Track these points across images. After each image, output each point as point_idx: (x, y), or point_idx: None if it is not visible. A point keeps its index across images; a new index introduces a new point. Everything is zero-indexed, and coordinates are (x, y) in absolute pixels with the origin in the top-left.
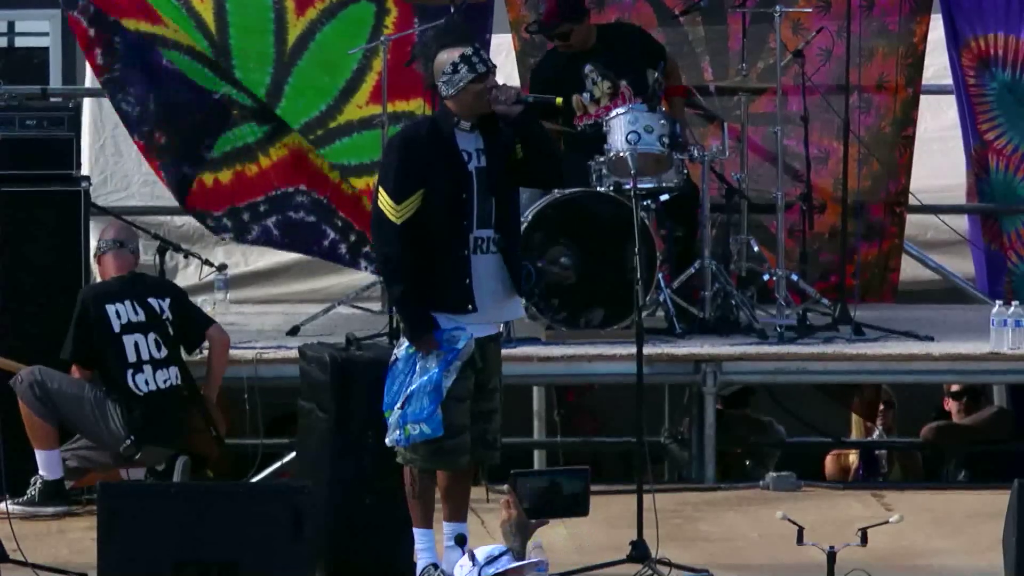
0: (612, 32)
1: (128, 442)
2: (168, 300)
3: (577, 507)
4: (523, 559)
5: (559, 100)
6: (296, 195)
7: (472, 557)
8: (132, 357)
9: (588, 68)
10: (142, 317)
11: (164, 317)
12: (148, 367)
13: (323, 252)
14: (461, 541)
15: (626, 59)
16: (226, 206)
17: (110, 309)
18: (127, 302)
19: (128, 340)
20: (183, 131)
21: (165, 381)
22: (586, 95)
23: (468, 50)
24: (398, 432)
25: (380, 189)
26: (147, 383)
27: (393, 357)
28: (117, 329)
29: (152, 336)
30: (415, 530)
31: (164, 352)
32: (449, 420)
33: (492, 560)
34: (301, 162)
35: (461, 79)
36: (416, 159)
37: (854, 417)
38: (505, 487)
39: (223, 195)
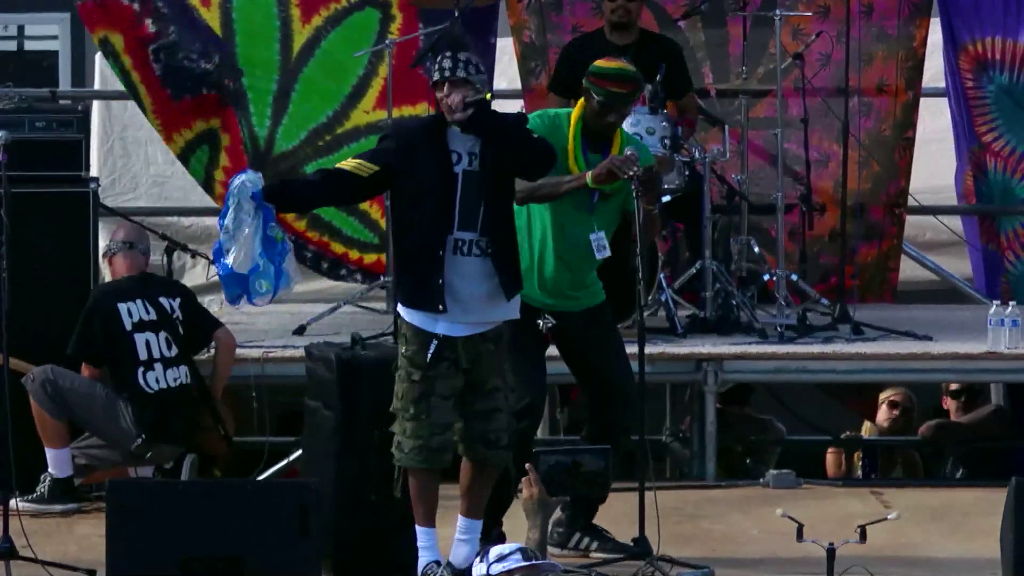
0: (654, 41)
1: (139, 440)
2: (179, 300)
3: (598, 485)
4: (544, 538)
5: (488, 95)
6: None
7: (485, 554)
8: (143, 355)
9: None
10: (153, 316)
11: (175, 316)
12: (159, 365)
13: (306, 262)
14: (500, 539)
15: (654, 72)
16: None
17: (122, 307)
18: (139, 301)
19: (139, 338)
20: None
21: (175, 380)
22: None
23: (440, 55)
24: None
25: None
26: (158, 381)
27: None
28: (129, 327)
29: (163, 335)
30: (416, 528)
31: (174, 351)
32: (434, 418)
33: (502, 558)
34: None
35: (431, 85)
36: (396, 144)
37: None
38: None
39: None
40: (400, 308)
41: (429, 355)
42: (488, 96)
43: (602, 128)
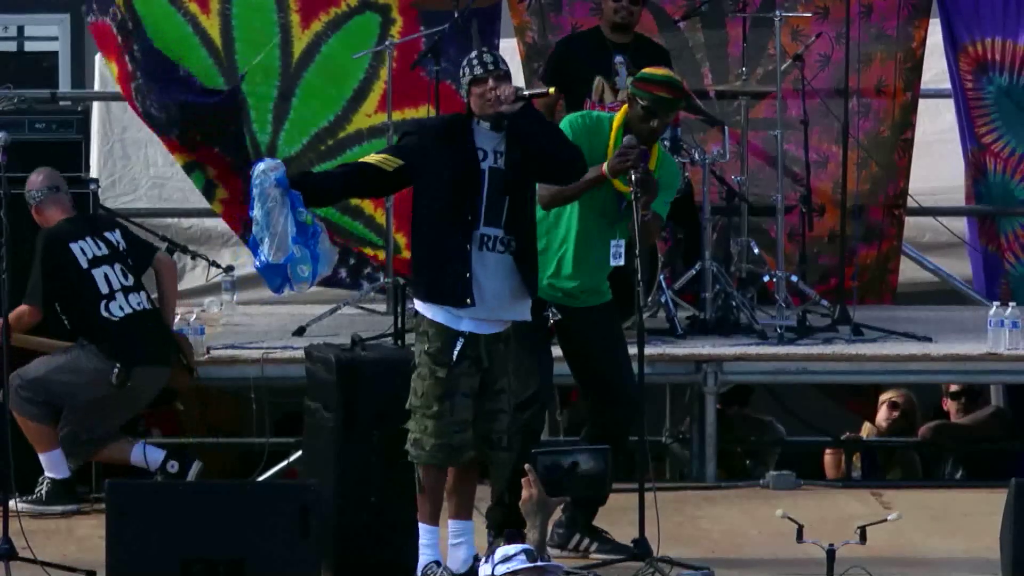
0: (645, 44)
1: (116, 369)
2: (118, 231)
3: (596, 486)
4: (543, 540)
5: (551, 89)
6: None
7: (490, 555)
8: (104, 289)
9: (620, 59)
10: (105, 250)
11: (121, 248)
12: (120, 295)
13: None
14: (513, 537)
15: None
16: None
17: (74, 247)
18: (88, 239)
19: (98, 273)
20: (211, 124)
21: (138, 304)
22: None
23: (475, 52)
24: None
25: None
26: (121, 308)
27: None
28: (85, 265)
29: (118, 266)
30: (420, 525)
31: (131, 280)
32: (457, 416)
33: (507, 559)
34: None
35: (466, 81)
36: (420, 140)
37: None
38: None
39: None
40: (420, 305)
41: (455, 353)
42: (552, 90)
43: (643, 135)
